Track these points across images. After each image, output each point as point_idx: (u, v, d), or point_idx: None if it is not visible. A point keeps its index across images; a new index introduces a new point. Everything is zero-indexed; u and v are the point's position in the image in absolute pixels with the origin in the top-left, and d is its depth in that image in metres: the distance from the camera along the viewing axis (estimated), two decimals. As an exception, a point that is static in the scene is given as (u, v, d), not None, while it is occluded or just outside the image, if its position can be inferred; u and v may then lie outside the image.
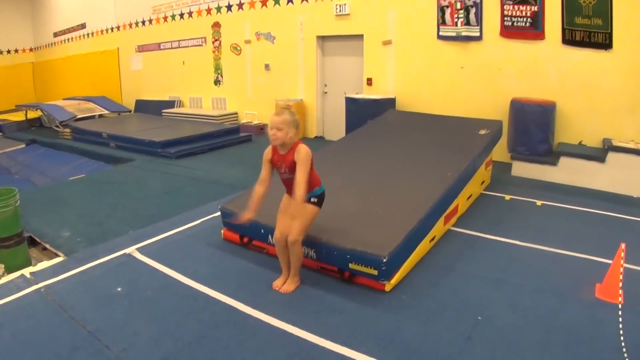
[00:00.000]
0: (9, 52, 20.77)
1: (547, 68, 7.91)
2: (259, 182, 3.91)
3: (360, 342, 3.23)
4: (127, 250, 4.71)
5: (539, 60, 7.97)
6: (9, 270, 4.48)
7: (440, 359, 3.08)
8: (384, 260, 3.74)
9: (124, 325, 3.47)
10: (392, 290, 3.92)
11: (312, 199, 3.87)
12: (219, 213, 5.08)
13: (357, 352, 3.12)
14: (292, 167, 3.73)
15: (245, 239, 4.78)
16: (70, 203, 6.70)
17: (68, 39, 18.93)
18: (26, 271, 4.34)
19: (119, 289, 4.00)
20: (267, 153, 3.89)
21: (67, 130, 12.42)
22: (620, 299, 3.57)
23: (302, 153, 3.68)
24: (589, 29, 7.38)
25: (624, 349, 3.05)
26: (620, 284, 3.58)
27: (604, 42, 7.31)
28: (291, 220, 3.88)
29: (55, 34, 19.61)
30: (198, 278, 4.16)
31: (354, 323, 3.48)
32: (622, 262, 3.61)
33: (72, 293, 3.95)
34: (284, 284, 3.99)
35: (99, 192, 7.23)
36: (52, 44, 20.09)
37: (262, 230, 4.52)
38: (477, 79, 8.69)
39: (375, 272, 3.79)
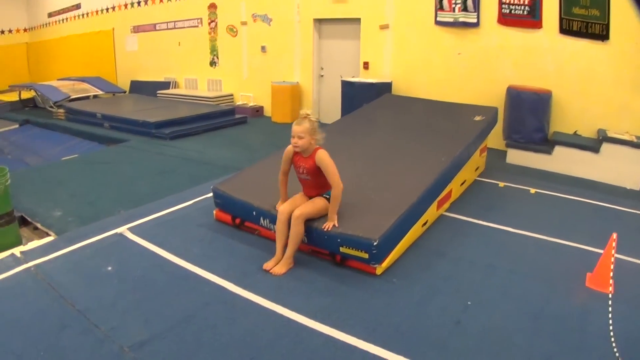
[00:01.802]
0: (2, 32, 20.49)
1: (543, 57, 7.88)
2: (281, 173, 4.23)
3: (349, 324, 3.23)
4: (119, 230, 4.68)
5: (535, 49, 7.93)
6: (-1, 249, 4.45)
7: (429, 342, 3.08)
8: (375, 243, 3.73)
9: (113, 304, 3.46)
10: (383, 274, 3.92)
11: (326, 196, 4.12)
12: (211, 194, 5.05)
13: (346, 334, 3.11)
14: (312, 171, 4.01)
15: (237, 220, 4.75)
16: (63, 183, 6.66)
17: (63, 20, 18.70)
18: (16, 250, 4.30)
19: (109, 268, 3.97)
20: (288, 152, 4.15)
21: (61, 110, 12.29)
22: (610, 288, 3.59)
23: (326, 160, 3.93)
24: (587, 20, 7.34)
25: (612, 339, 3.06)
26: (611, 274, 3.59)
27: (601, 34, 7.27)
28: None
29: (50, 15, 19.35)
30: (189, 258, 4.14)
31: (344, 305, 3.48)
32: (613, 252, 3.61)
33: (62, 272, 3.92)
34: (276, 266, 3.95)
35: (92, 173, 7.19)
36: (46, 24, 19.82)
37: (254, 212, 4.49)
38: (473, 65, 8.65)
39: (366, 256, 3.78)
